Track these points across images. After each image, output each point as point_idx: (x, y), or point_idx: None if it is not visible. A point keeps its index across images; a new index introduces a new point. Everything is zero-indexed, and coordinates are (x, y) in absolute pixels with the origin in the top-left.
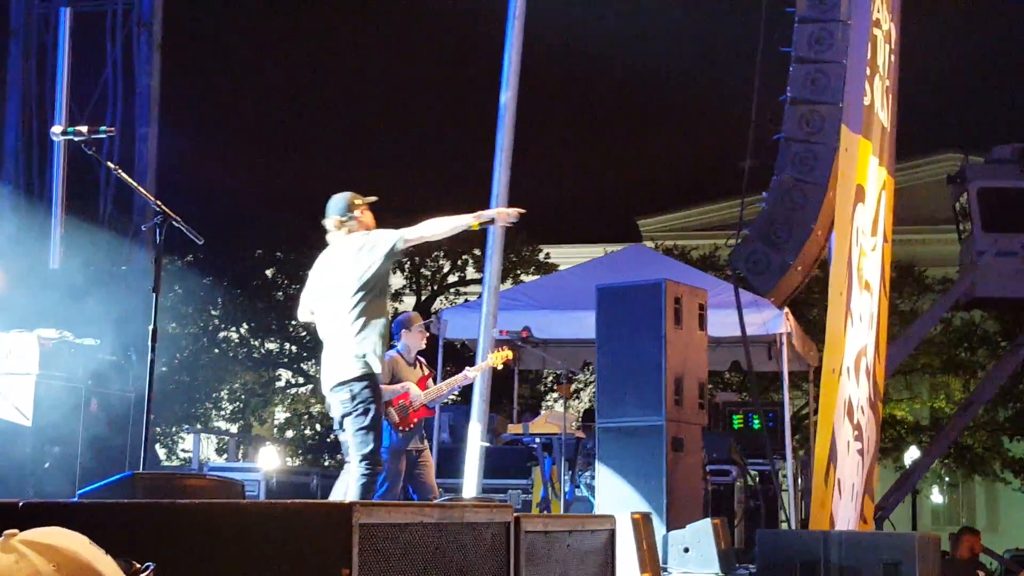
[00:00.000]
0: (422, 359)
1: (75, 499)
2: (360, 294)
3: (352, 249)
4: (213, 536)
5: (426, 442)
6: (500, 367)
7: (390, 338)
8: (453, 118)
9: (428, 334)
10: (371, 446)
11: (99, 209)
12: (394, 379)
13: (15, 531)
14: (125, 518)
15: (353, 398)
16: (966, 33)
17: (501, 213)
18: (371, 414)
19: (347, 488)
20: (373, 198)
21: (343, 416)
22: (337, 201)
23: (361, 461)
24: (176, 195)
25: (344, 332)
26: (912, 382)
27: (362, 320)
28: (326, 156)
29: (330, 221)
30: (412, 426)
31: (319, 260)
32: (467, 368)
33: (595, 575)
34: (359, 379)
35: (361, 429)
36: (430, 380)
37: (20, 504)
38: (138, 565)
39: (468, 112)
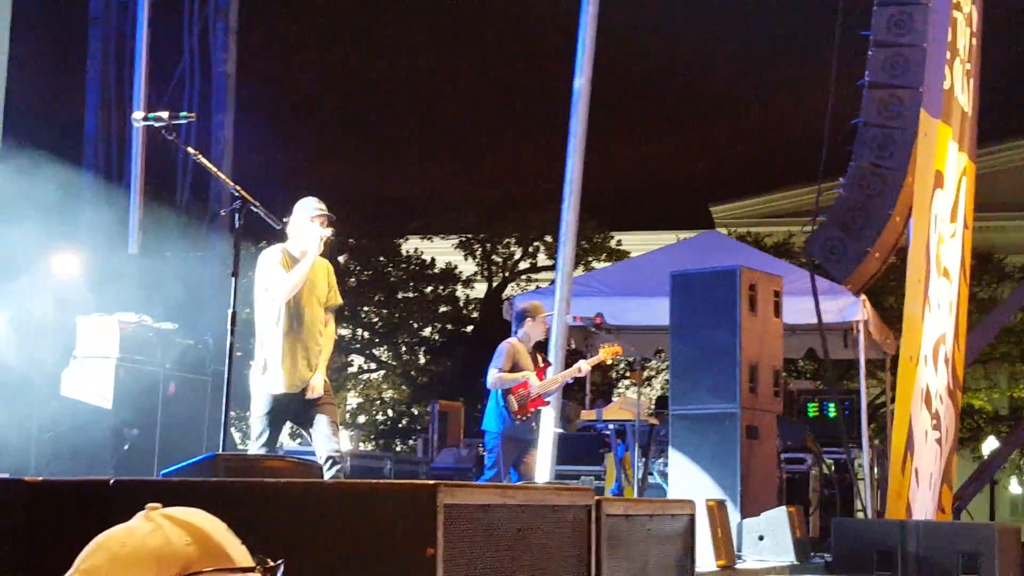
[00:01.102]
0: (539, 351)
1: (164, 476)
2: (256, 308)
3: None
4: (298, 515)
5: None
6: (610, 362)
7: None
8: (525, 107)
9: (548, 325)
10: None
11: (177, 194)
12: (515, 367)
13: (158, 505)
14: (211, 497)
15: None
16: None
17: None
18: (261, 417)
19: None
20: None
21: None
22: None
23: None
24: (250, 180)
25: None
26: (991, 371)
27: (258, 333)
28: (398, 144)
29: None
30: (528, 415)
31: None
32: (581, 361)
33: (675, 559)
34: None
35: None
36: (547, 371)
37: (111, 482)
38: (271, 562)
39: (540, 100)
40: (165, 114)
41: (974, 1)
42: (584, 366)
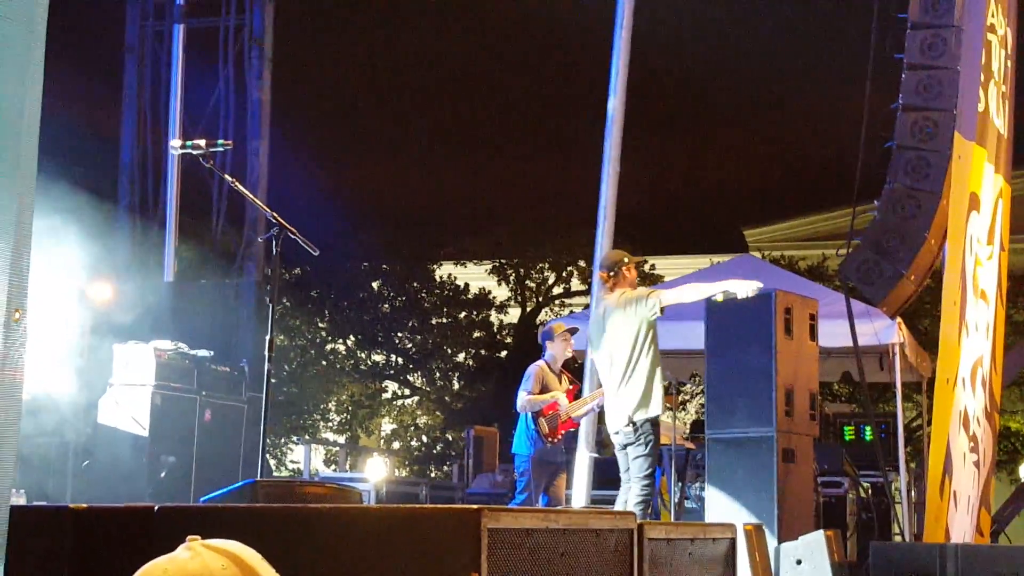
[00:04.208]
0: (567, 372)
1: (205, 503)
2: (630, 347)
3: (616, 306)
4: (341, 541)
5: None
6: None
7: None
8: (558, 129)
9: (572, 343)
10: (647, 470)
11: (212, 223)
12: (544, 389)
13: (197, 536)
14: (254, 523)
15: (635, 431)
16: None
17: (741, 284)
18: (650, 445)
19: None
20: (642, 258)
21: (625, 445)
22: (607, 257)
23: (640, 482)
24: (282, 208)
25: (622, 379)
26: None
27: (636, 369)
28: (430, 169)
29: (600, 274)
30: (560, 438)
31: (593, 309)
32: None
33: None
34: (643, 420)
35: (639, 457)
36: (574, 393)
37: (155, 508)
38: None
39: (575, 123)
40: (203, 142)
41: (1009, 23)
42: None
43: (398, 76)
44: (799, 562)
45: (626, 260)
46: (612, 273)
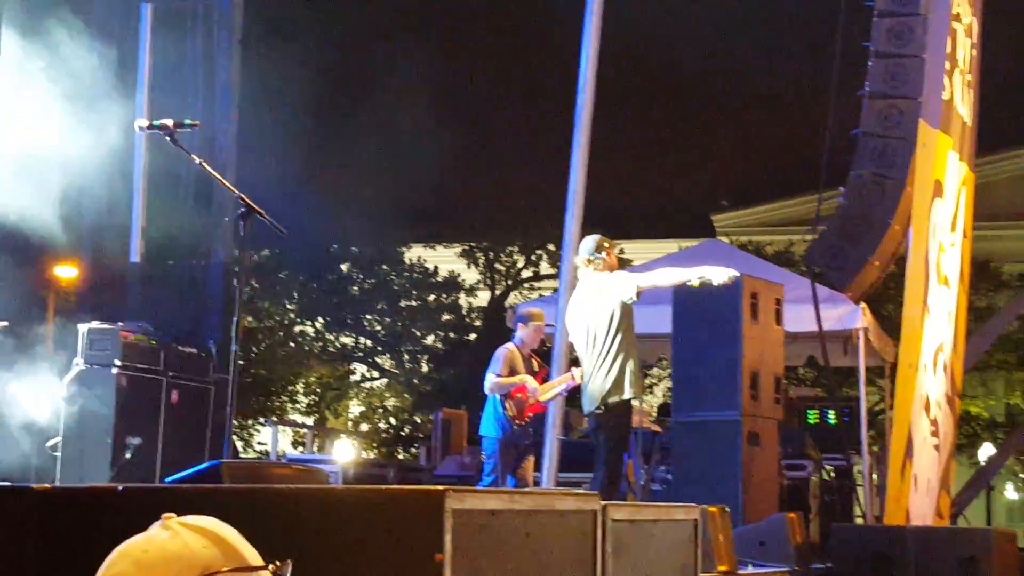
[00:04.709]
0: (536, 355)
1: (170, 483)
2: (605, 330)
3: (595, 290)
4: (306, 522)
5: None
6: None
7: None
8: (528, 115)
9: (543, 334)
10: (614, 452)
11: (179, 203)
12: (512, 373)
13: (172, 514)
14: (221, 504)
15: (606, 413)
16: None
17: (717, 271)
18: (620, 428)
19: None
20: (619, 245)
21: (596, 427)
22: (587, 242)
23: (605, 465)
24: (249, 189)
25: (597, 361)
26: (987, 379)
27: (611, 352)
28: (400, 151)
29: (580, 259)
30: (527, 420)
31: (574, 292)
32: (574, 368)
33: (680, 564)
34: (616, 402)
35: (607, 438)
36: (543, 377)
37: (120, 489)
38: (279, 562)
39: (543, 111)
40: (170, 122)
41: (975, 12)
42: (577, 373)
43: (368, 58)
44: (762, 544)
45: (606, 244)
46: (593, 257)
